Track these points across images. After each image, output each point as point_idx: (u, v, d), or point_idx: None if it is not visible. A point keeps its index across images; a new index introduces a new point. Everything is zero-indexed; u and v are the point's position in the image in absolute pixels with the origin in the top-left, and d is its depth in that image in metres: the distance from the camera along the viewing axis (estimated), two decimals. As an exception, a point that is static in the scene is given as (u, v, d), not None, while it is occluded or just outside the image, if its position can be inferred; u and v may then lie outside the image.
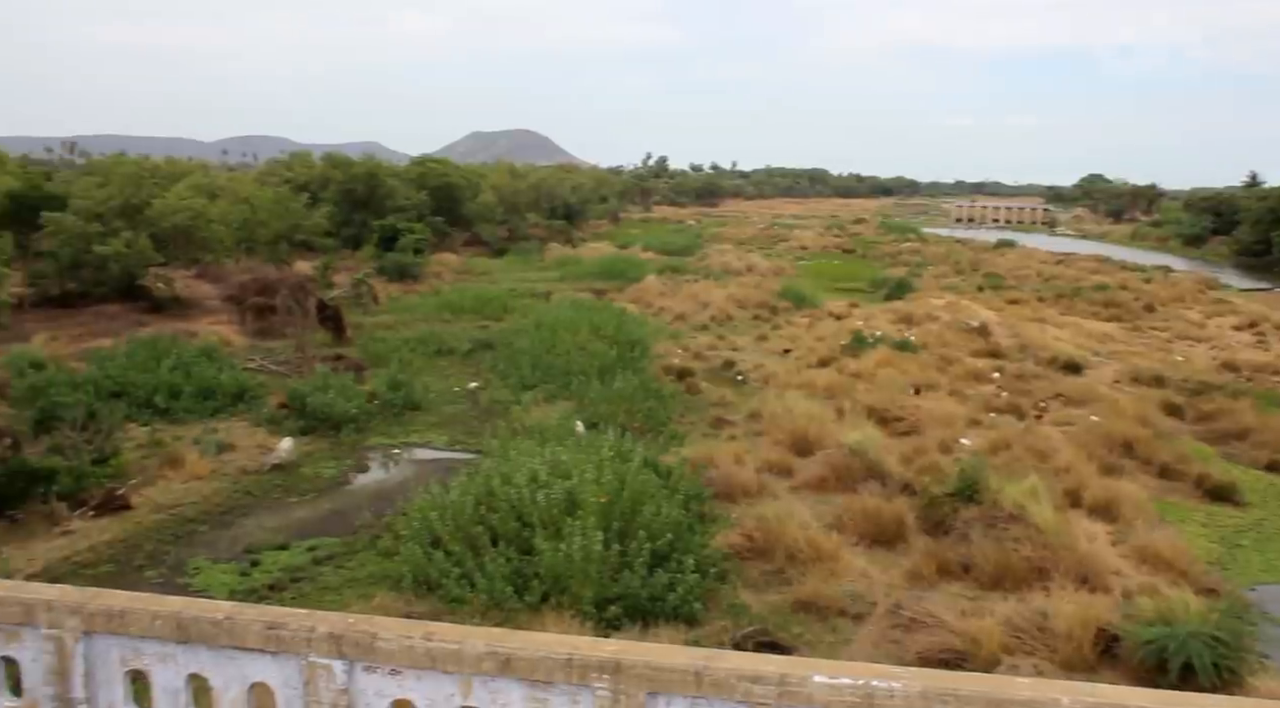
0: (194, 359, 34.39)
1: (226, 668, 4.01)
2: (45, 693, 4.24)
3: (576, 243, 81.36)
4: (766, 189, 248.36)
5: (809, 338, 42.15)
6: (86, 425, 27.71)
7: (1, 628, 4.28)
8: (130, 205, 46.12)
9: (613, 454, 19.85)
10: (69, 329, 39.13)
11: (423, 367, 36.71)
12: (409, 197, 68.67)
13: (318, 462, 27.24)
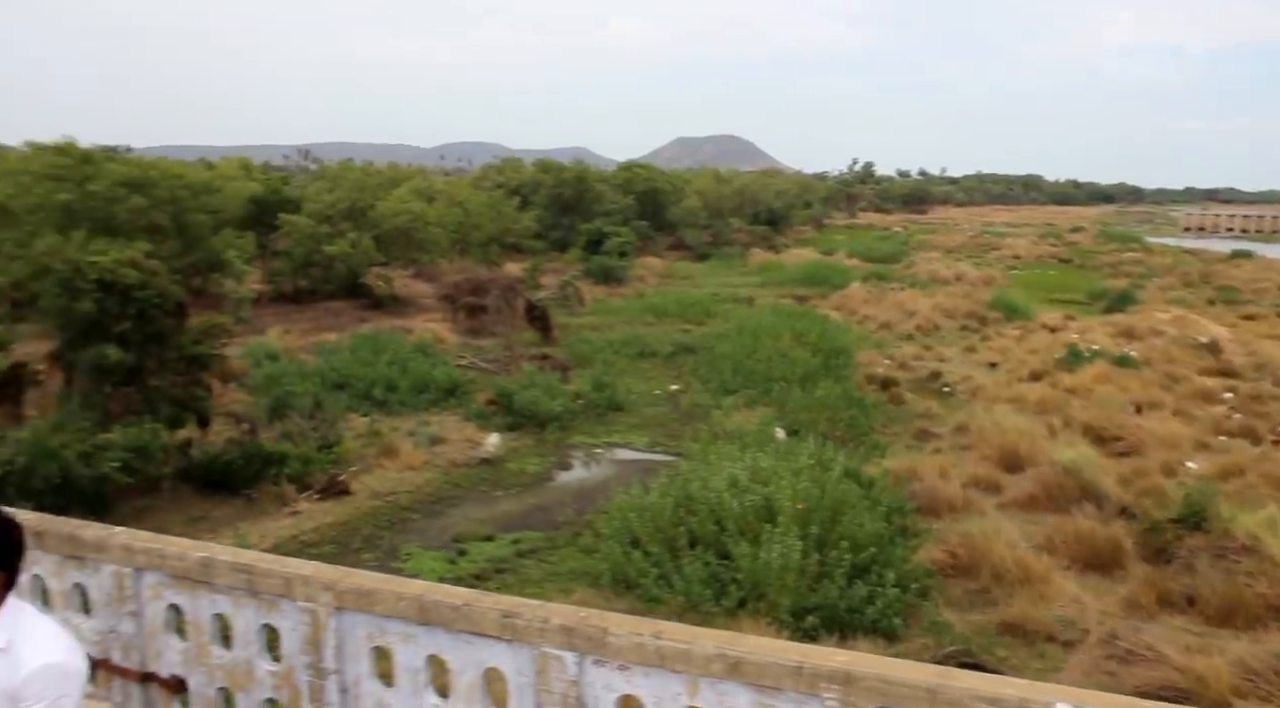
0: (410, 355, 36.08)
1: (463, 652, 4.21)
2: (301, 662, 4.55)
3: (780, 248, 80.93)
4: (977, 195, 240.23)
5: (1020, 350, 40.50)
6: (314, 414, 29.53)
7: (263, 598, 4.63)
8: (355, 208, 48.80)
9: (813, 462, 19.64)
10: (300, 324, 41.75)
11: (625, 368, 37.26)
12: (615, 201, 70.01)
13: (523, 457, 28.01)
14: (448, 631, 4.17)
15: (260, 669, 4.71)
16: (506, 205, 59.10)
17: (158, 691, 4.93)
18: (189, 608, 4.81)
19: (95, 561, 4.92)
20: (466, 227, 54.10)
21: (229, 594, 4.69)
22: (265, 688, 4.70)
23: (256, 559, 4.69)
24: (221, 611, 4.75)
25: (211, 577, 4.68)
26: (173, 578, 4.81)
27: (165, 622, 4.91)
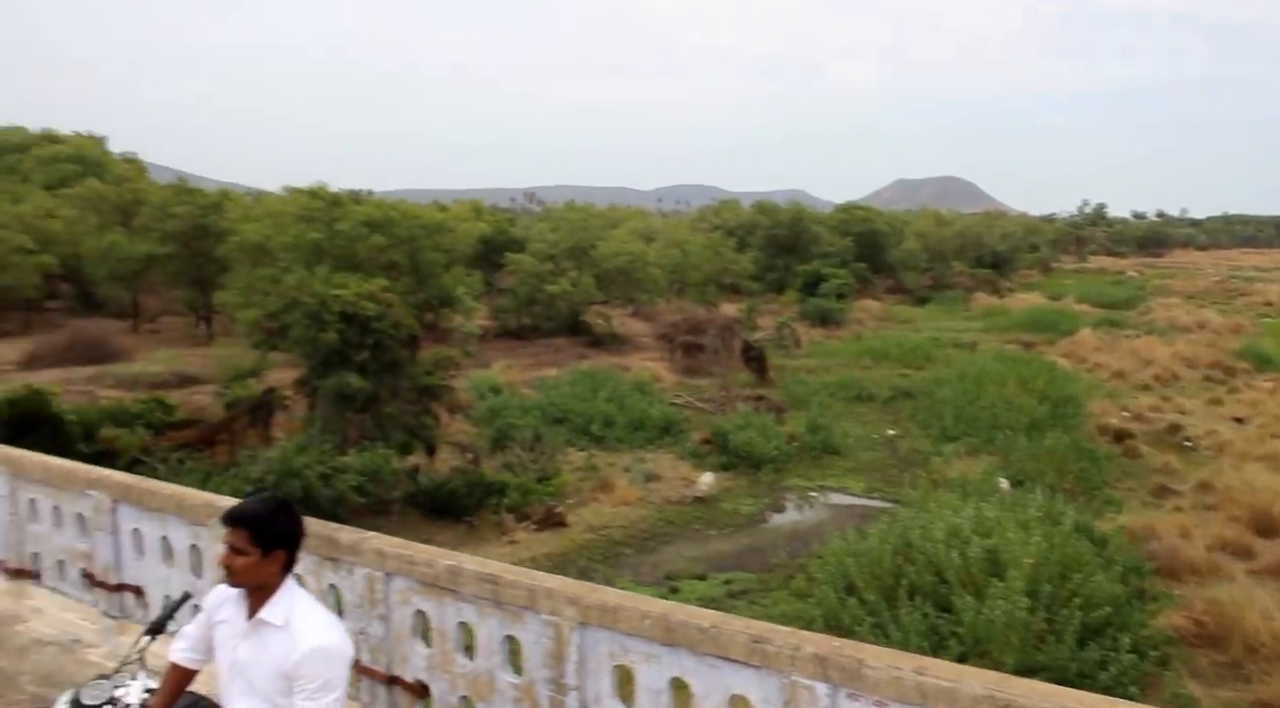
0: (627, 392, 36.64)
1: (708, 676, 4.11)
2: (542, 675, 4.57)
3: (1004, 293, 77.94)
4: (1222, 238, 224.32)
5: (1274, 405, 37.34)
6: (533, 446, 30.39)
7: (507, 609, 4.68)
8: (577, 248, 50.19)
9: (1041, 515, 18.72)
10: (522, 359, 43.13)
11: (841, 411, 36.65)
12: (832, 243, 69.31)
13: (736, 497, 27.85)
14: (693, 653, 4.09)
15: (501, 681, 4.75)
16: (725, 246, 59.47)
17: (402, 694, 5.07)
18: (435, 615, 4.93)
19: (349, 563, 5.12)
20: (684, 267, 54.70)
21: (474, 603, 4.77)
22: (506, 700, 4.75)
23: (502, 570, 4.75)
24: (466, 619, 4.84)
25: (458, 585, 4.78)
26: (421, 584, 4.95)
27: (412, 627, 5.06)
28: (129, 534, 6.16)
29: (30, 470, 6.79)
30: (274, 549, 3.39)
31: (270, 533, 3.39)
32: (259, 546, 3.36)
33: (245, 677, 3.44)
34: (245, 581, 3.40)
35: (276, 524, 3.41)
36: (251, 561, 3.37)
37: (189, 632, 3.79)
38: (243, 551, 3.36)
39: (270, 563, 3.40)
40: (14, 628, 6.71)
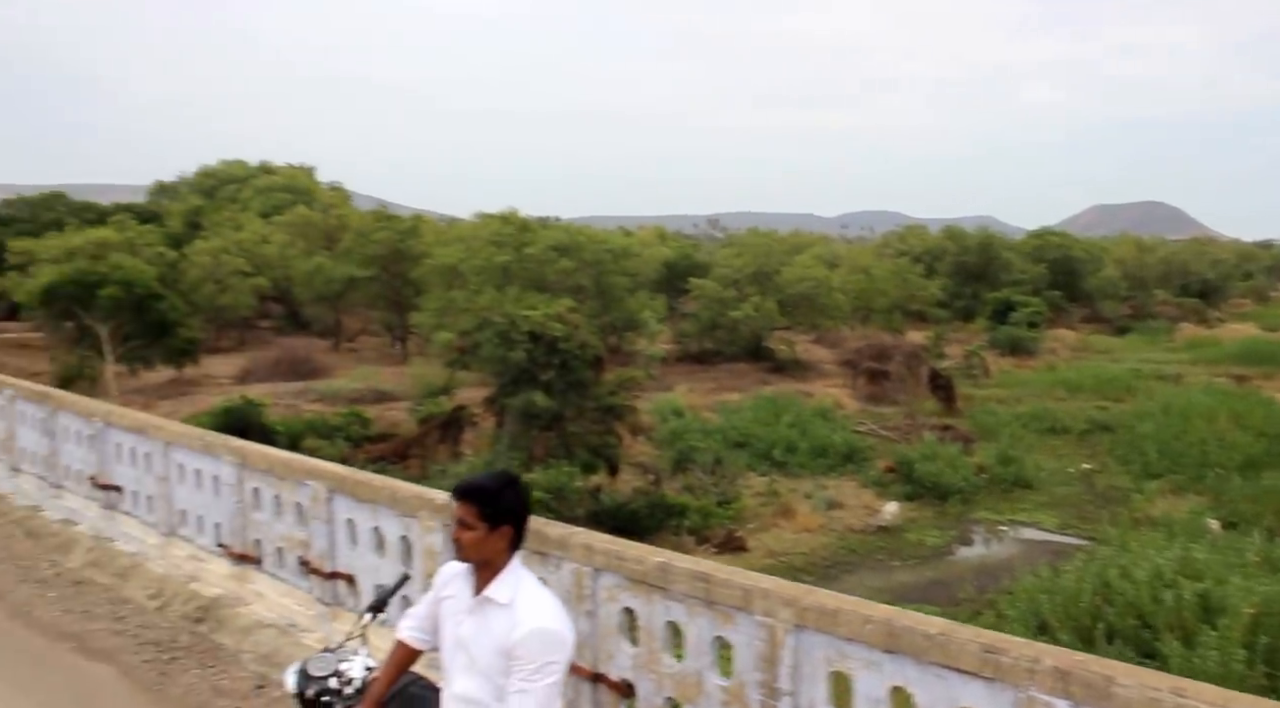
0: (809, 418, 36.20)
1: (933, 687, 3.89)
2: (753, 679, 4.43)
3: (1213, 323, 73.23)
4: None
5: None
6: (714, 470, 30.34)
7: (719, 609, 4.57)
8: (761, 273, 49.99)
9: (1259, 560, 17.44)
10: (704, 383, 43.17)
11: (1033, 444, 35.22)
12: (1024, 270, 66.73)
13: (921, 528, 27.05)
14: (917, 662, 3.89)
15: (710, 683, 4.65)
16: (911, 272, 58.12)
17: (606, 692, 5.03)
18: (643, 613, 4.87)
19: (557, 558, 5.12)
20: (870, 293, 53.74)
21: (684, 602, 4.69)
22: (714, 703, 4.64)
23: (714, 569, 4.66)
24: (675, 618, 4.76)
25: (669, 583, 4.71)
26: (629, 581, 4.90)
27: (618, 624, 5.01)
28: (343, 524, 6.38)
29: (255, 461, 7.13)
30: (501, 524, 3.39)
31: (497, 508, 3.39)
32: (486, 520, 3.37)
33: (468, 653, 3.45)
34: (472, 555, 3.41)
35: (504, 499, 3.41)
36: (478, 535, 3.37)
37: (416, 610, 3.84)
38: (470, 525, 3.37)
39: (497, 538, 3.40)
40: (237, 610, 7.05)
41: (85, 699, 6.24)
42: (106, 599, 7.70)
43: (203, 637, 6.95)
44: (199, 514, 7.77)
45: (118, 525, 8.65)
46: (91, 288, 41.23)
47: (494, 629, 3.37)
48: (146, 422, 8.59)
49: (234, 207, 61.00)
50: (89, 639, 7.03)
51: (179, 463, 7.87)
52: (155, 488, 8.15)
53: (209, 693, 6.22)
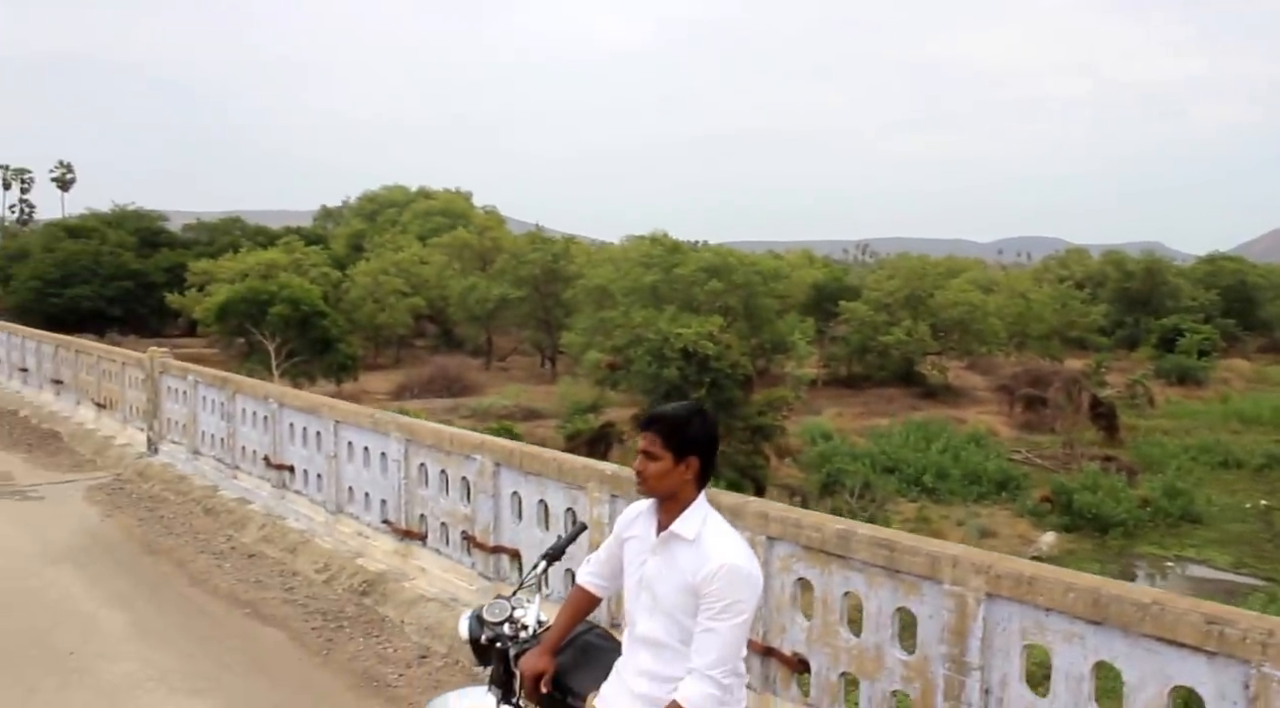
0: (962, 445, 35.16)
1: (1144, 662, 3.58)
2: (938, 652, 4.19)
3: None
4: None
5: None
6: (862, 494, 29.67)
7: (902, 579, 4.34)
8: (914, 296, 48.89)
9: None
10: (853, 407, 42.39)
11: (1203, 478, 33.38)
12: (1194, 296, 63.38)
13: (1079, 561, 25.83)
14: (1126, 634, 3.58)
15: (890, 657, 4.41)
16: (1072, 298, 55.94)
17: (779, 667, 4.84)
18: (819, 583, 4.67)
19: (730, 528, 4.98)
20: (1027, 318, 51.90)
21: (863, 572, 4.48)
22: (894, 678, 4.40)
23: (897, 536, 4.43)
24: (853, 589, 4.55)
25: (848, 551, 4.50)
26: (805, 550, 4.71)
27: (792, 596, 4.82)
28: (509, 498, 6.37)
29: (423, 436, 7.22)
30: (688, 455, 3.26)
31: (684, 438, 3.25)
32: (672, 450, 3.24)
33: (651, 592, 3.32)
34: (656, 487, 3.28)
35: (691, 429, 3.27)
36: (664, 466, 3.25)
37: (597, 555, 3.74)
38: (655, 455, 3.25)
39: (683, 471, 3.26)
40: (401, 584, 7.13)
41: (258, 659, 6.37)
42: (277, 572, 7.90)
43: (368, 609, 7.05)
44: (365, 491, 7.91)
45: (288, 504, 8.90)
46: (262, 306, 43.32)
47: (679, 566, 3.23)
48: (319, 402, 8.85)
49: (394, 230, 63.16)
50: (261, 606, 7.21)
51: (348, 441, 8.05)
52: (324, 466, 8.36)
53: (374, 660, 6.28)
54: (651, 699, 3.26)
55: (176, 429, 11.20)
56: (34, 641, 6.53)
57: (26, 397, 16.01)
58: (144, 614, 7.09)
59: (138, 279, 57.43)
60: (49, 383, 15.46)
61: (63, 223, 68.10)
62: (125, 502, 10.12)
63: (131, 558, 8.42)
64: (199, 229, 68.53)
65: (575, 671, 3.66)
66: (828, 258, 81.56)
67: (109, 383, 13.30)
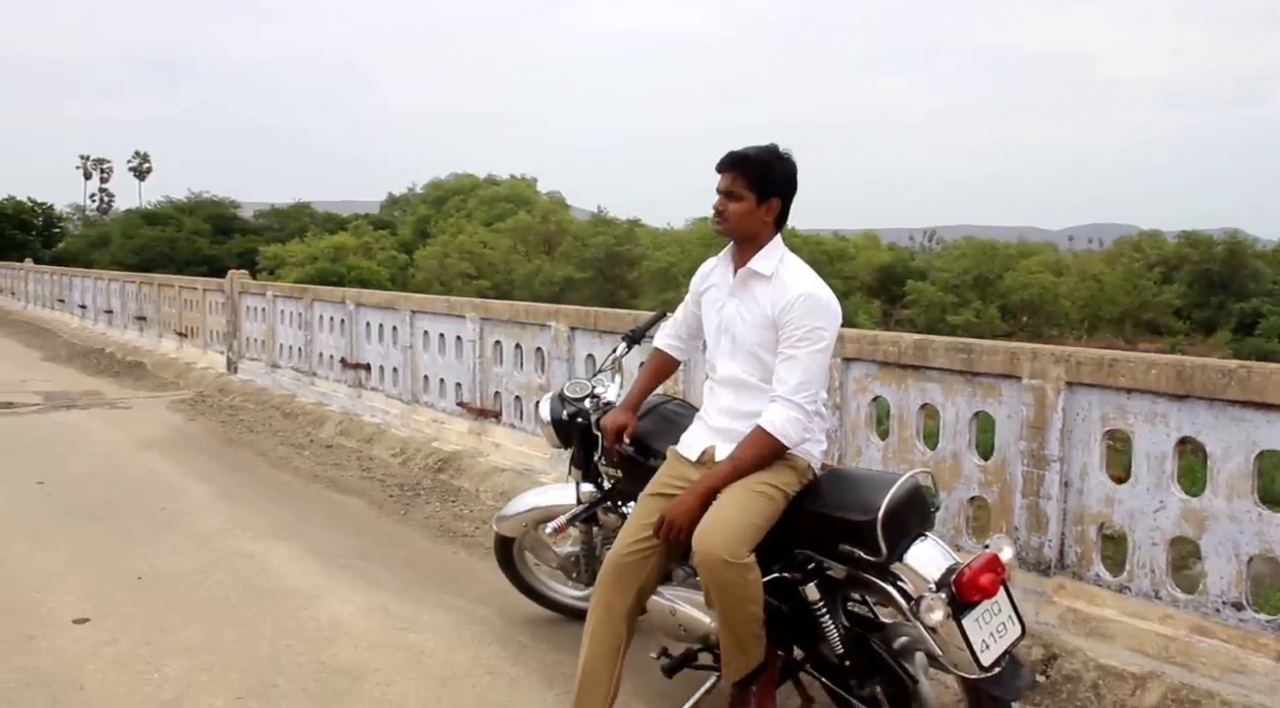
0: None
1: (1229, 431, 3.53)
2: (1016, 450, 4.17)
3: None
4: None
5: None
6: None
7: (980, 382, 4.32)
8: (983, 278, 48.26)
9: None
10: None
11: None
12: (1276, 280, 61.71)
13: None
14: (1210, 405, 3.53)
15: (968, 464, 4.39)
16: (1146, 279, 54.81)
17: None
18: (894, 400, 4.65)
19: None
20: (1099, 301, 50.97)
21: (940, 382, 4.46)
22: (971, 484, 4.39)
23: (974, 340, 4.41)
24: (930, 401, 4.54)
25: (925, 360, 4.49)
26: (881, 367, 4.70)
27: (867, 417, 4.83)
28: (583, 361, 6.45)
29: (498, 312, 7.33)
30: (769, 195, 3.29)
31: (767, 177, 3.29)
32: (755, 190, 3.27)
33: (730, 334, 3.36)
34: (737, 227, 3.32)
35: (774, 169, 3.30)
36: (746, 206, 3.28)
37: (674, 318, 3.80)
38: (738, 195, 3.28)
39: (764, 211, 3.30)
40: (476, 460, 7.25)
41: (338, 516, 6.53)
42: (355, 457, 8.08)
43: (443, 482, 7.18)
44: (440, 378, 8.06)
45: (364, 402, 9.09)
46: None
47: (759, 302, 3.27)
48: (394, 297, 9.03)
49: (460, 215, 63.83)
50: (339, 482, 7.38)
51: (424, 330, 8.21)
52: (400, 359, 8.52)
53: (450, 519, 6.39)
54: (731, 433, 3.30)
55: (255, 347, 11.51)
56: (129, 503, 6.77)
57: (111, 336, 16.56)
58: (227, 485, 7.30)
59: (212, 264, 58.69)
60: (133, 321, 15.98)
61: (141, 211, 69.94)
62: (207, 410, 10.41)
63: (214, 447, 8.68)
64: (270, 215, 69.97)
65: (654, 436, 3.72)
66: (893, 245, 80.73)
67: (190, 313, 13.70)
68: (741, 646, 3.14)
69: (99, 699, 3.90)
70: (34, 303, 23.88)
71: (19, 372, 13.76)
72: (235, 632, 4.53)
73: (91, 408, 10.81)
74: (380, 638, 4.47)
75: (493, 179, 72.52)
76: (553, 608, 4.71)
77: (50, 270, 24.53)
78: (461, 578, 5.33)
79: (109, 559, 5.57)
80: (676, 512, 3.17)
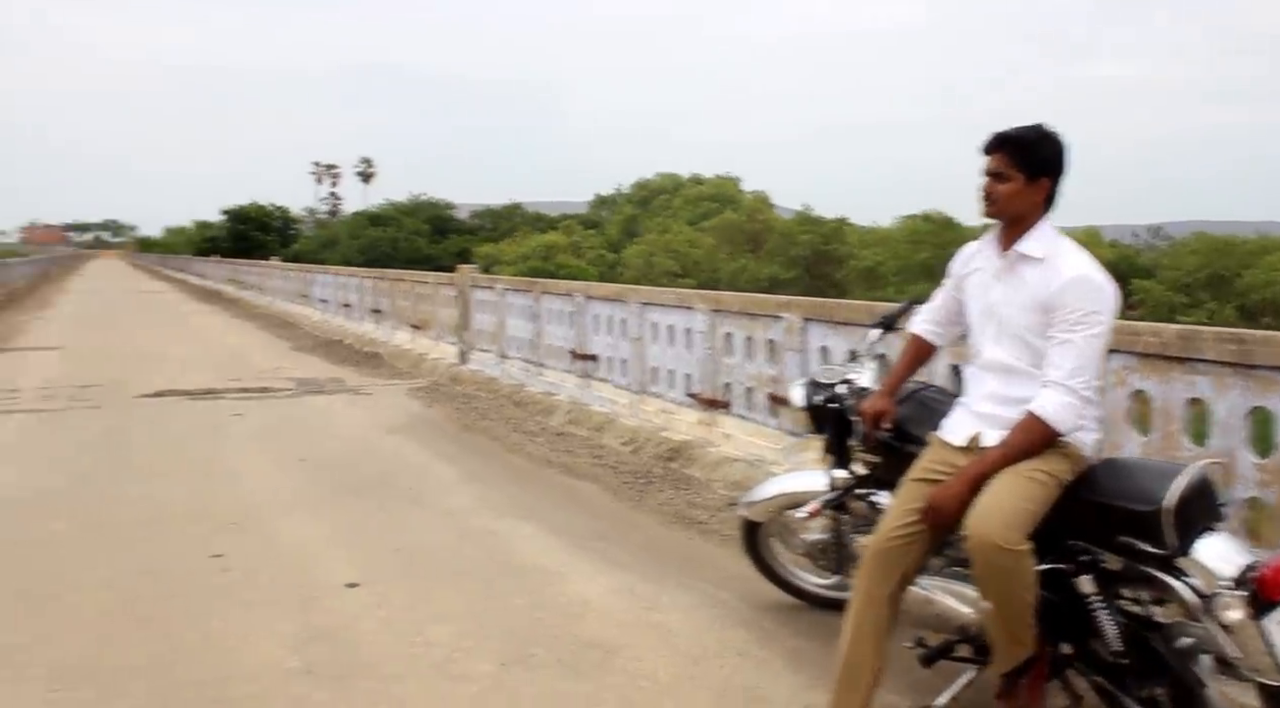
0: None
1: None
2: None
3: None
4: None
5: None
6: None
7: (1256, 375, 4.07)
8: (1217, 276, 45.23)
9: None
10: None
11: None
12: None
13: None
14: None
15: (1244, 462, 4.16)
16: None
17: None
18: (1157, 393, 4.44)
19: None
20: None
21: (1209, 374, 4.24)
22: (1248, 485, 4.13)
23: (1245, 330, 4.16)
24: (1198, 395, 4.32)
25: (1191, 352, 4.28)
26: (1141, 359, 4.50)
27: (1126, 412, 4.63)
28: (816, 352, 6.44)
29: (729, 304, 7.42)
30: (1039, 175, 3.22)
31: (1037, 157, 3.22)
32: (1023, 170, 3.21)
33: (996, 318, 3.29)
34: (1005, 209, 3.25)
35: (1044, 149, 3.23)
36: (1015, 187, 3.22)
37: (932, 303, 3.75)
38: (1007, 176, 3.22)
39: (1034, 191, 3.22)
40: (706, 450, 7.36)
41: (575, 500, 6.76)
42: (585, 445, 8.33)
43: (674, 471, 7.31)
44: (669, 369, 8.21)
45: (593, 392, 9.36)
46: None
47: (1029, 285, 3.20)
48: (623, 290, 9.25)
49: (665, 214, 64.65)
50: (573, 468, 7.63)
51: (653, 322, 8.38)
52: (629, 350, 8.73)
53: (684, 506, 6.51)
54: (996, 418, 3.23)
55: (485, 338, 12.05)
56: (380, 481, 7.21)
57: (349, 328, 17.69)
58: (469, 467, 7.67)
59: (430, 262, 61.54)
60: (369, 314, 17.00)
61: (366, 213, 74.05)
62: (442, 398, 10.96)
63: (453, 432, 9.14)
64: (483, 216, 72.83)
65: (914, 422, 3.68)
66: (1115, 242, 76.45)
67: (423, 306, 14.47)
68: (1014, 635, 3.08)
69: (375, 656, 4.18)
70: (278, 297, 25.69)
71: (272, 360, 14.92)
72: (490, 603, 4.76)
73: (337, 394, 11.57)
74: (628, 617, 4.61)
75: (697, 178, 73.13)
76: (796, 595, 4.74)
77: (294, 268, 26.32)
78: (699, 562, 5.42)
79: (369, 531, 5.96)
80: (944, 497, 3.14)
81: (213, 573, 5.23)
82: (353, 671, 4.04)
